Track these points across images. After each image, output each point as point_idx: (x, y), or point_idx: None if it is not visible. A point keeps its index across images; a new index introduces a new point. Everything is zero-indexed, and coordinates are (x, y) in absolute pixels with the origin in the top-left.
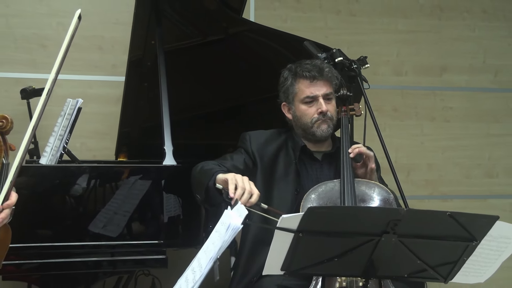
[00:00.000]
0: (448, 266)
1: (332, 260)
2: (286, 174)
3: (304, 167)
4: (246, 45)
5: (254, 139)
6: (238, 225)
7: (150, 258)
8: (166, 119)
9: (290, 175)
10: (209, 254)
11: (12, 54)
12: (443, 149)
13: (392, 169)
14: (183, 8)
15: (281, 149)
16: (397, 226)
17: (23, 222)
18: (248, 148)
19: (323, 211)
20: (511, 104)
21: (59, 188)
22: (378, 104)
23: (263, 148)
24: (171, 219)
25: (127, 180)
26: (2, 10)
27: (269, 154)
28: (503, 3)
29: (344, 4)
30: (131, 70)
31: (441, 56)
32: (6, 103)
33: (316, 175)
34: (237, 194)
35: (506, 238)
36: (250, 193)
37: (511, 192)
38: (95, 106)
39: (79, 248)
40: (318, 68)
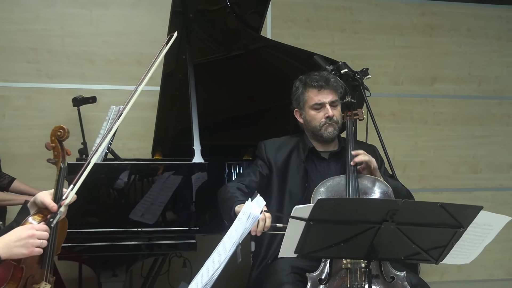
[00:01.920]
0: (439, 249)
1: (339, 245)
2: (298, 172)
3: (313, 165)
4: (264, 58)
5: (269, 147)
6: (258, 215)
7: (181, 242)
8: (195, 123)
9: (300, 172)
10: (232, 239)
11: (65, 68)
12: (435, 148)
13: (390, 165)
14: (209, 27)
15: (293, 151)
16: (395, 215)
17: (76, 211)
18: (263, 156)
19: (331, 203)
20: (493, 109)
21: (105, 182)
22: (378, 110)
23: (276, 154)
24: (199, 209)
25: (161, 175)
26: (57, 32)
27: (282, 158)
28: (485, 22)
29: (349, 24)
30: (165, 81)
31: (432, 68)
32: (60, 110)
33: (324, 172)
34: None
35: (489, 225)
36: (264, 220)
37: (492, 185)
38: (135, 112)
39: (122, 233)
40: (325, 78)
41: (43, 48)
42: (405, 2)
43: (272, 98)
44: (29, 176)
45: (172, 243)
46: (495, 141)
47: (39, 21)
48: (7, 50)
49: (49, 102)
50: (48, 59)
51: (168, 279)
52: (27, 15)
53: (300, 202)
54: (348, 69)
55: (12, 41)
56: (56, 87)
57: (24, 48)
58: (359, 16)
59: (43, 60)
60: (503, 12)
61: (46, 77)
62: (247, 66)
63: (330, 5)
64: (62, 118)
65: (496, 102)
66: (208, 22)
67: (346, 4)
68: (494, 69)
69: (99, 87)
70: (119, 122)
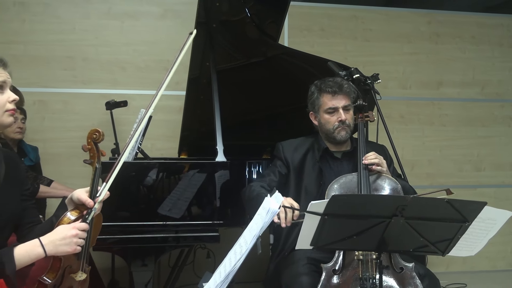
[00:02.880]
0: (445, 242)
1: (352, 238)
2: (313, 171)
3: (327, 164)
4: (281, 65)
5: (286, 147)
6: (276, 209)
7: (205, 235)
8: (218, 125)
9: (316, 171)
10: (253, 232)
11: (99, 75)
12: (440, 148)
13: (399, 164)
14: (231, 36)
15: (309, 151)
16: (404, 210)
17: (109, 206)
18: (281, 156)
19: (344, 199)
20: (495, 112)
21: (135, 179)
22: (388, 112)
23: (293, 154)
24: (222, 204)
25: (187, 173)
26: (92, 42)
27: (298, 158)
28: (488, 30)
29: (360, 32)
30: (190, 86)
31: (438, 73)
32: (94, 113)
33: (337, 170)
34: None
35: (492, 220)
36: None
37: (495, 182)
38: (162, 115)
39: (151, 226)
40: (338, 84)
41: (78, 56)
42: (413, 11)
43: (289, 101)
44: (66, 173)
45: (197, 236)
46: (497, 141)
47: (75, 32)
48: (46, 59)
49: (84, 106)
50: (83, 67)
51: (193, 269)
52: (65, 27)
53: (315, 198)
54: (360, 74)
55: (51, 50)
56: (90, 92)
57: (61, 57)
58: (370, 25)
59: (78, 68)
60: (504, 20)
61: (81, 83)
62: (265, 72)
63: (342, 15)
64: (96, 121)
65: (498, 105)
66: (230, 31)
67: (358, 14)
68: (496, 74)
69: (130, 92)
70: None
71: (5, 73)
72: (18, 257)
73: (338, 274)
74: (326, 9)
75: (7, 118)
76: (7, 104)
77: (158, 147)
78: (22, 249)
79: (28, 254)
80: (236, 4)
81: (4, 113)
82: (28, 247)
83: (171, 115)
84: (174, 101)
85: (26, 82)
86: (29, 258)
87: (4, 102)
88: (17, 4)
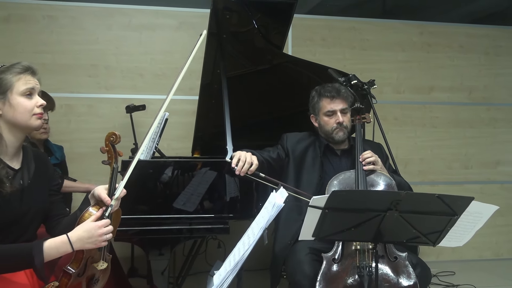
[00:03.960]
0: (436, 234)
1: (350, 230)
2: (313, 165)
3: (327, 159)
4: (285, 72)
5: (290, 138)
6: (281, 204)
7: (216, 227)
8: (228, 127)
9: (316, 165)
10: (259, 224)
11: (120, 82)
12: (431, 148)
13: (394, 162)
14: (240, 46)
15: (310, 146)
16: (398, 205)
17: (128, 200)
18: (284, 144)
19: (343, 194)
20: (482, 114)
21: (152, 176)
22: (383, 115)
23: (295, 145)
24: (232, 199)
25: (200, 170)
26: (113, 51)
27: (300, 150)
28: (475, 40)
29: (358, 42)
30: (203, 91)
31: (429, 79)
32: (115, 116)
33: (336, 165)
34: (238, 167)
35: (479, 213)
36: (250, 164)
37: (481, 179)
38: (177, 118)
39: (167, 219)
40: (336, 89)
41: (101, 64)
42: (406, 23)
43: (292, 105)
44: (90, 171)
45: (209, 228)
46: (483, 141)
47: (99, 42)
48: (72, 67)
49: (107, 109)
50: (105, 74)
51: (206, 258)
52: (89, 38)
53: (316, 190)
54: (357, 80)
55: (77, 59)
56: (112, 97)
57: (86, 65)
58: (366, 35)
59: (101, 75)
60: (490, 31)
61: (104, 89)
62: (271, 78)
63: (342, 26)
64: (117, 123)
65: (484, 108)
66: (239, 41)
67: (356, 25)
68: (482, 80)
69: (148, 97)
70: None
71: (34, 80)
72: (47, 251)
73: (337, 263)
74: (326, 21)
75: (35, 121)
76: (35, 109)
77: (174, 147)
78: (51, 244)
79: (57, 249)
80: (244, 16)
81: (32, 117)
82: (58, 243)
83: (185, 118)
84: (188, 105)
85: (54, 88)
86: (58, 252)
87: (33, 106)
88: (46, 18)
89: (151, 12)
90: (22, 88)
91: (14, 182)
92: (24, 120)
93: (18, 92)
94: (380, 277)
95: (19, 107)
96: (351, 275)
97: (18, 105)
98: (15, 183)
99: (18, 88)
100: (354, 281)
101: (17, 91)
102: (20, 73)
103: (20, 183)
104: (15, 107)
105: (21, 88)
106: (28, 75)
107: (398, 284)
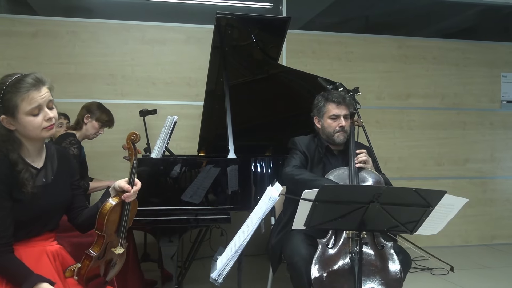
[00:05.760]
0: (413, 223)
1: (337, 220)
2: (318, 164)
3: (328, 159)
4: (280, 80)
5: (301, 142)
6: (276, 197)
7: (219, 217)
8: (230, 129)
9: (320, 164)
10: (257, 215)
11: (134, 89)
12: (408, 147)
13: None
14: (240, 57)
15: (316, 148)
16: (380, 197)
17: (142, 193)
18: (300, 149)
19: (331, 188)
20: (452, 118)
21: (163, 172)
22: (366, 118)
23: (307, 147)
24: (233, 192)
25: (205, 167)
26: (129, 62)
27: (311, 151)
28: (446, 52)
29: (344, 54)
30: (207, 97)
31: (406, 87)
32: (131, 120)
33: (335, 164)
34: None
35: (451, 205)
36: None
37: (452, 175)
38: (185, 121)
39: (176, 210)
40: (342, 97)
41: (118, 74)
42: (386, 37)
43: (287, 109)
44: (109, 168)
45: (213, 218)
46: (454, 142)
47: (116, 55)
48: (92, 76)
49: (123, 113)
50: (122, 82)
51: (210, 244)
52: (107, 51)
53: None
54: (343, 88)
55: (97, 69)
56: (127, 103)
57: (104, 75)
58: (351, 48)
59: (118, 83)
60: (460, 45)
61: (120, 95)
62: (268, 86)
63: (329, 40)
64: (132, 125)
65: (455, 112)
66: (239, 54)
67: (342, 40)
68: (453, 88)
69: (159, 103)
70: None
71: (40, 95)
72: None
73: (331, 248)
74: (316, 35)
75: (45, 133)
76: (43, 123)
77: (182, 146)
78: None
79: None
80: (244, 32)
81: (42, 131)
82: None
83: (192, 121)
84: (194, 110)
85: (76, 95)
86: None
87: (40, 123)
88: (70, 33)
89: (162, 28)
90: (27, 109)
91: (37, 180)
92: (36, 134)
93: (24, 112)
94: (369, 262)
95: (27, 125)
96: (343, 259)
97: (26, 123)
98: (38, 181)
99: (23, 109)
100: (345, 265)
101: (23, 112)
102: (24, 92)
103: (43, 180)
104: (24, 125)
105: (26, 109)
106: (33, 92)
107: (384, 269)
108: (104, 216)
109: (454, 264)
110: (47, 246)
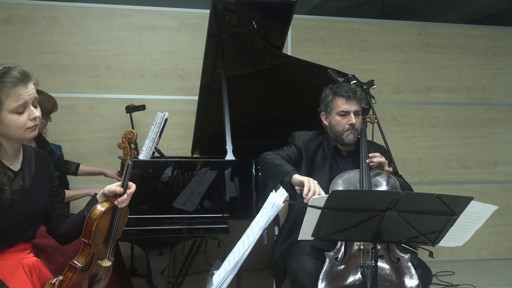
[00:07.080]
0: (435, 234)
1: (349, 229)
2: (323, 165)
3: (335, 161)
4: (285, 72)
5: (301, 137)
6: (280, 204)
7: (216, 226)
8: (228, 127)
9: (326, 166)
10: (259, 224)
11: (120, 82)
12: (430, 148)
13: (393, 162)
14: (240, 46)
15: (320, 146)
16: (397, 205)
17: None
18: (297, 143)
19: (343, 194)
20: (480, 114)
21: (152, 176)
22: (382, 115)
23: (307, 144)
24: (231, 199)
25: (200, 170)
26: (114, 51)
27: (311, 149)
28: (473, 40)
29: (356, 43)
30: (202, 91)
31: (427, 80)
32: (116, 116)
33: (343, 167)
34: (308, 197)
35: (478, 213)
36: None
37: (480, 179)
38: (177, 118)
39: (167, 219)
40: (353, 90)
41: (102, 65)
42: (405, 23)
43: (292, 105)
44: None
45: (209, 227)
46: (481, 142)
47: (99, 43)
48: (73, 67)
49: (107, 110)
50: (106, 74)
51: (205, 257)
52: (90, 38)
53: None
54: (356, 80)
55: (78, 59)
56: (112, 97)
57: (87, 65)
58: (365, 36)
59: (102, 75)
60: (488, 31)
61: (104, 89)
62: (271, 79)
63: (340, 27)
64: (118, 123)
65: (482, 108)
66: (239, 42)
67: (354, 26)
68: (481, 80)
69: (148, 97)
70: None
71: (26, 92)
72: None
73: (340, 262)
74: (325, 21)
75: (28, 134)
76: (28, 123)
77: (174, 147)
78: None
79: None
80: (244, 17)
81: (25, 131)
82: None
83: (185, 118)
84: (188, 105)
85: (55, 88)
86: None
87: (24, 122)
88: (47, 18)
89: (151, 13)
90: (12, 106)
91: (14, 185)
92: (18, 135)
93: (8, 110)
94: (383, 277)
95: (10, 124)
96: (354, 274)
97: (9, 122)
98: (16, 185)
99: (8, 106)
100: (356, 280)
101: (7, 109)
102: (10, 88)
103: (20, 185)
104: (7, 124)
105: (11, 106)
106: (20, 88)
107: (400, 284)
108: (93, 222)
109: (482, 280)
110: (23, 258)
